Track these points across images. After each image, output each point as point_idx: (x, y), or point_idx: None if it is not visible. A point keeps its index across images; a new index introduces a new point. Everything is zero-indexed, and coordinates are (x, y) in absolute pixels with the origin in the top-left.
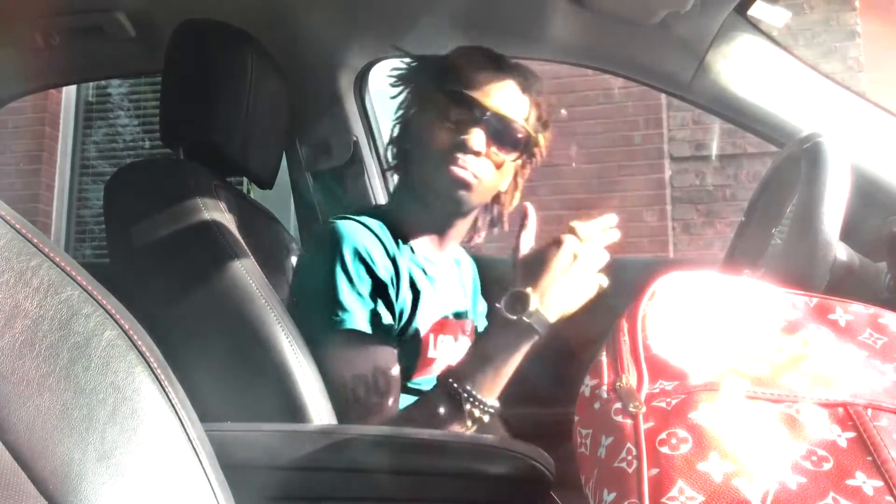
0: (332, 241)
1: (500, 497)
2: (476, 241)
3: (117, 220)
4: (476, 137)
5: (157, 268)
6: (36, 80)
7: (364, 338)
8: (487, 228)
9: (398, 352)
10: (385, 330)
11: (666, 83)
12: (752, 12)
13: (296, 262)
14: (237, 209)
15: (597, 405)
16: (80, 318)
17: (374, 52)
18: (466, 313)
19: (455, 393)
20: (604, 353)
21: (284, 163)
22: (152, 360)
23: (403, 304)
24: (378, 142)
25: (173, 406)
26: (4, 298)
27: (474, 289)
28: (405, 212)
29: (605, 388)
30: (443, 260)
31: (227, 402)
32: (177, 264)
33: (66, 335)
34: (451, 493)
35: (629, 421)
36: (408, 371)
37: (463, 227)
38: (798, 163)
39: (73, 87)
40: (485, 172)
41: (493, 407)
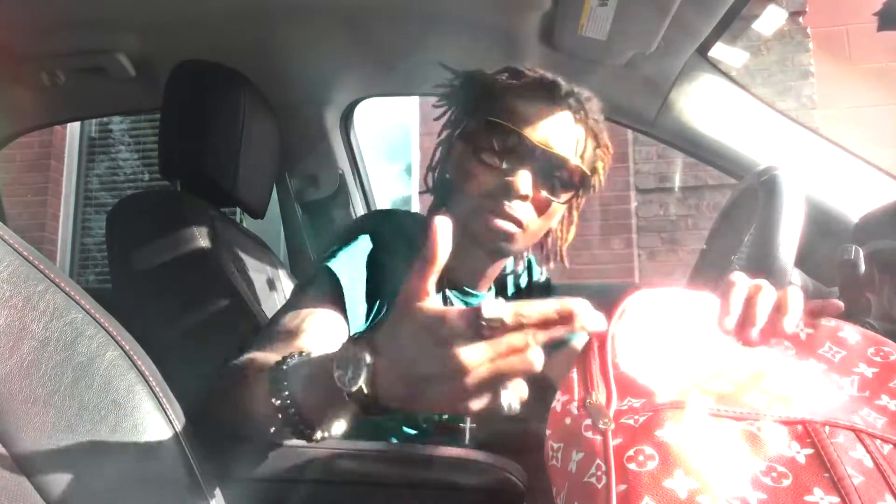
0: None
1: None
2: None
3: (119, 248)
4: (523, 180)
5: (155, 292)
6: (42, 117)
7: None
8: (544, 264)
9: None
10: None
11: (632, 119)
12: (712, 53)
13: None
14: (231, 237)
15: (567, 420)
16: (84, 340)
17: (358, 90)
18: None
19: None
20: (574, 370)
21: (275, 194)
22: (151, 378)
23: None
24: (363, 174)
25: (170, 421)
26: (13, 321)
27: None
28: None
29: (575, 404)
30: (478, 300)
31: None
32: (174, 289)
33: (71, 356)
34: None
35: (599, 437)
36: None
37: (502, 265)
38: (755, 194)
39: (77, 124)
40: (530, 218)
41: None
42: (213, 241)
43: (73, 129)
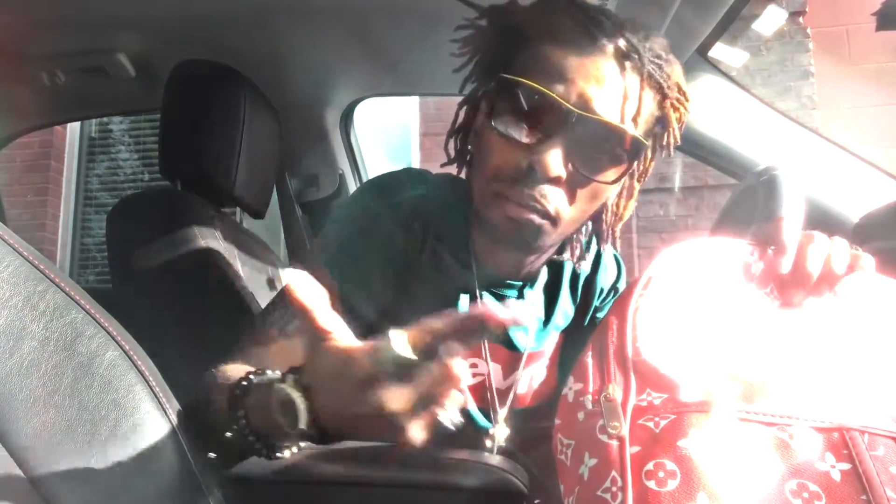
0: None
1: None
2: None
3: (119, 248)
4: (553, 159)
5: (155, 292)
6: (42, 117)
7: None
8: (602, 242)
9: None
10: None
11: None
12: (712, 54)
13: None
14: (231, 237)
15: (581, 415)
16: (84, 340)
17: (358, 90)
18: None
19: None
20: (589, 353)
21: (275, 194)
22: (151, 378)
23: None
24: (363, 174)
25: (171, 422)
26: (13, 321)
27: (576, 310)
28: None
29: (589, 396)
30: (519, 289)
31: None
32: (174, 289)
33: (71, 355)
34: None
35: (615, 443)
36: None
37: (542, 257)
38: (756, 194)
39: (77, 124)
40: (565, 205)
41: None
42: (213, 241)
43: (73, 129)
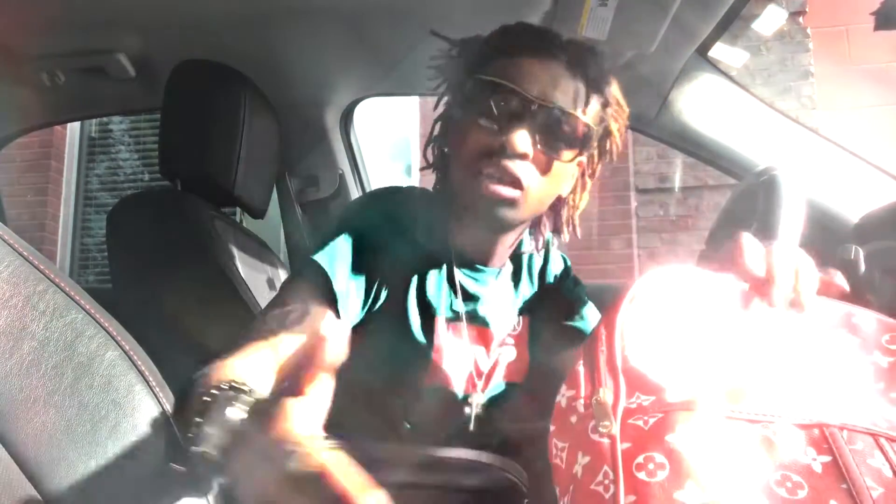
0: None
1: None
2: (541, 248)
3: (119, 248)
4: (520, 138)
5: (155, 292)
6: (42, 118)
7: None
8: (555, 237)
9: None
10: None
11: (632, 120)
12: (712, 53)
13: None
14: (231, 237)
15: (573, 419)
16: (84, 340)
17: (358, 91)
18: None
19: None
20: (581, 362)
21: (275, 194)
22: (151, 378)
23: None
24: (363, 174)
25: (171, 422)
26: (13, 321)
27: (539, 295)
28: (448, 217)
29: (581, 401)
30: (487, 274)
31: None
32: (174, 289)
33: (71, 355)
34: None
35: (606, 440)
36: (415, 375)
37: (512, 238)
38: (755, 194)
39: (77, 124)
40: (532, 179)
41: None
42: (213, 240)
43: (73, 129)
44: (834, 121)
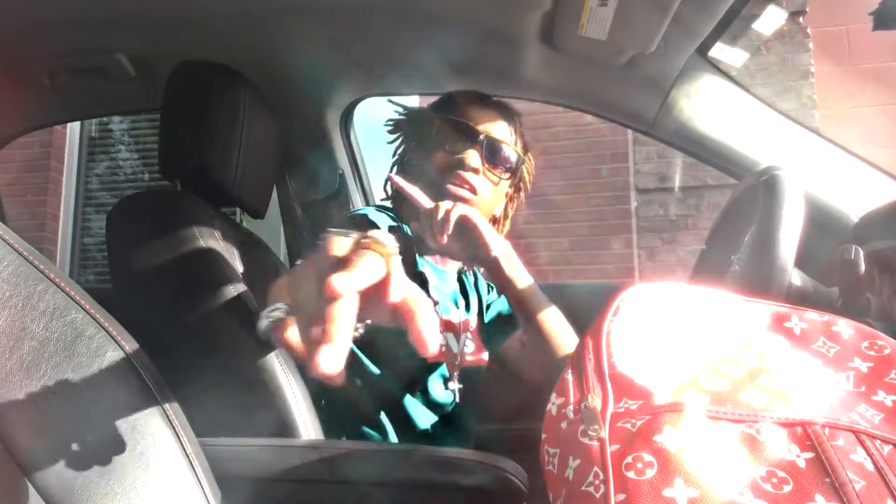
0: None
1: None
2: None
3: (119, 248)
4: (472, 156)
5: (155, 292)
6: (43, 117)
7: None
8: None
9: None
10: None
11: (632, 120)
12: (712, 53)
13: None
14: (231, 237)
15: (563, 424)
16: (84, 340)
17: (358, 91)
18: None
19: None
20: (569, 370)
21: (275, 194)
22: (151, 378)
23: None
24: (363, 174)
25: (171, 422)
26: (13, 321)
27: (479, 300)
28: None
29: (571, 407)
30: (446, 274)
31: (221, 419)
32: (174, 289)
33: (71, 356)
34: (427, 503)
35: (596, 443)
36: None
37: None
38: (756, 194)
39: (77, 124)
40: (482, 188)
41: None
42: (212, 241)
43: (73, 129)
44: (834, 121)
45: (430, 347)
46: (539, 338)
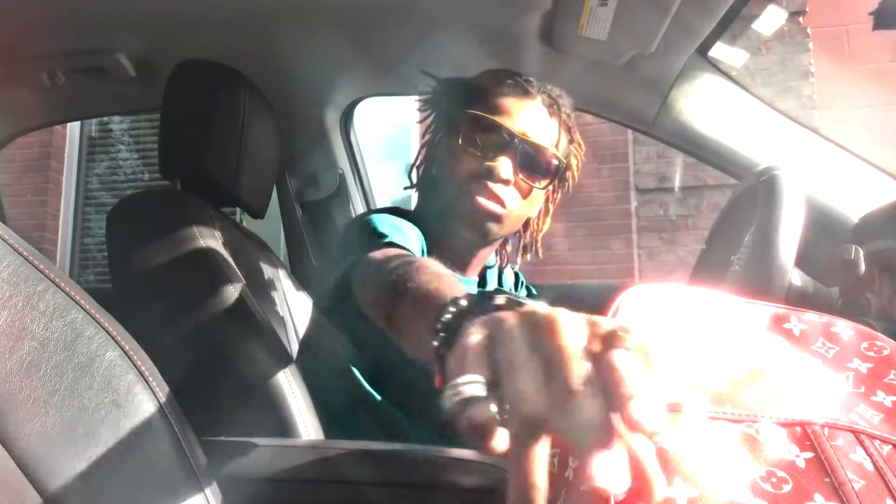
0: (362, 220)
1: None
2: (506, 265)
3: (119, 248)
4: (504, 165)
5: (155, 292)
6: (42, 117)
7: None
8: (521, 255)
9: None
10: None
11: (632, 119)
12: (712, 53)
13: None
14: (231, 237)
15: None
16: (84, 340)
17: (358, 90)
18: None
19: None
20: None
21: (275, 194)
22: (151, 378)
23: None
24: (363, 174)
25: (170, 422)
26: (13, 321)
27: None
28: (428, 234)
29: None
30: (473, 283)
31: (221, 418)
32: (174, 288)
33: (71, 356)
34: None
35: None
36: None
37: (486, 253)
38: (756, 194)
39: (77, 124)
40: (513, 201)
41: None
42: (212, 241)
43: (73, 129)
44: (834, 121)
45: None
46: None
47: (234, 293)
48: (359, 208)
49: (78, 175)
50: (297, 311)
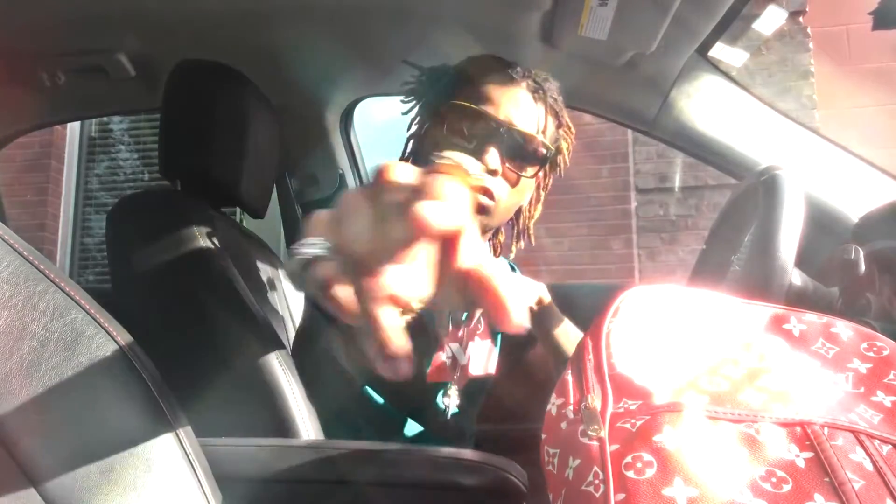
0: None
1: None
2: (501, 258)
3: (119, 248)
4: (491, 157)
5: (155, 292)
6: (42, 117)
7: None
8: (515, 242)
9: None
10: None
11: (632, 119)
12: (712, 53)
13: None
14: (230, 237)
15: (563, 425)
16: (84, 340)
17: (358, 90)
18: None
19: None
20: (569, 371)
21: (275, 194)
22: (151, 379)
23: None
24: (363, 174)
25: (170, 422)
26: (13, 321)
27: None
28: None
29: (571, 407)
30: None
31: (221, 419)
32: (174, 288)
33: (71, 355)
34: (427, 503)
35: (595, 443)
36: (421, 366)
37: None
38: (756, 194)
39: (77, 124)
40: (502, 192)
41: None
42: (213, 241)
43: (73, 129)
44: (834, 121)
45: (517, 319)
46: (560, 356)
47: (234, 294)
48: None
49: (78, 175)
50: (297, 310)
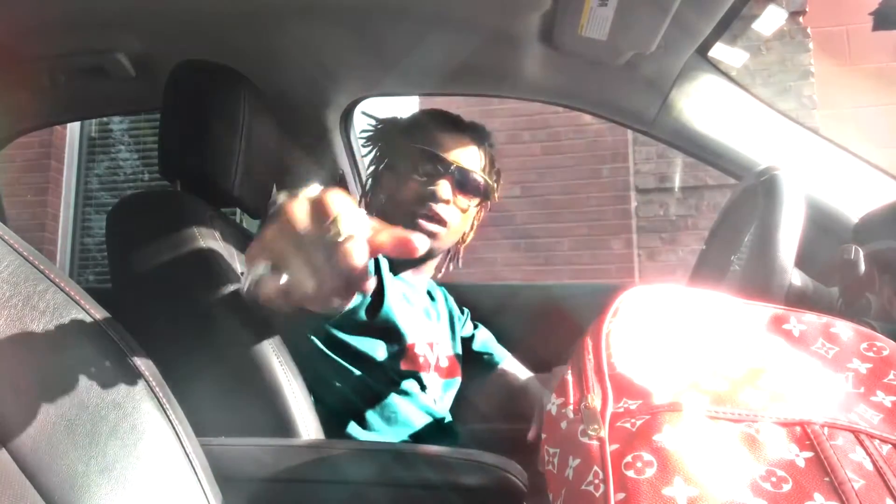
0: None
1: None
2: (438, 276)
3: (118, 248)
4: (443, 188)
5: (155, 292)
6: (42, 117)
7: None
8: (448, 265)
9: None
10: None
11: (632, 119)
12: (712, 53)
13: None
14: (230, 237)
15: (563, 424)
16: (84, 340)
17: (358, 91)
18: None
19: None
20: (569, 371)
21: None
22: (151, 378)
23: (388, 309)
24: (363, 174)
25: (170, 422)
26: (13, 321)
27: (450, 317)
28: None
29: (571, 407)
30: (419, 288)
31: (221, 419)
32: (173, 289)
33: (71, 356)
34: (427, 503)
35: (595, 443)
36: (394, 363)
37: (433, 264)
38: (755, 194)
39: (77, 124)
40: (453, 218)
41: None
42: (212, 241)
43: (73, 129)
44: (834, 121)
45: (419, 243)
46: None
47: (234, 294)
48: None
49: (78, 175)
50: None
